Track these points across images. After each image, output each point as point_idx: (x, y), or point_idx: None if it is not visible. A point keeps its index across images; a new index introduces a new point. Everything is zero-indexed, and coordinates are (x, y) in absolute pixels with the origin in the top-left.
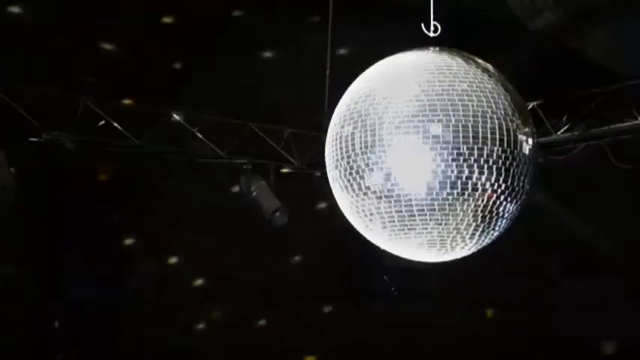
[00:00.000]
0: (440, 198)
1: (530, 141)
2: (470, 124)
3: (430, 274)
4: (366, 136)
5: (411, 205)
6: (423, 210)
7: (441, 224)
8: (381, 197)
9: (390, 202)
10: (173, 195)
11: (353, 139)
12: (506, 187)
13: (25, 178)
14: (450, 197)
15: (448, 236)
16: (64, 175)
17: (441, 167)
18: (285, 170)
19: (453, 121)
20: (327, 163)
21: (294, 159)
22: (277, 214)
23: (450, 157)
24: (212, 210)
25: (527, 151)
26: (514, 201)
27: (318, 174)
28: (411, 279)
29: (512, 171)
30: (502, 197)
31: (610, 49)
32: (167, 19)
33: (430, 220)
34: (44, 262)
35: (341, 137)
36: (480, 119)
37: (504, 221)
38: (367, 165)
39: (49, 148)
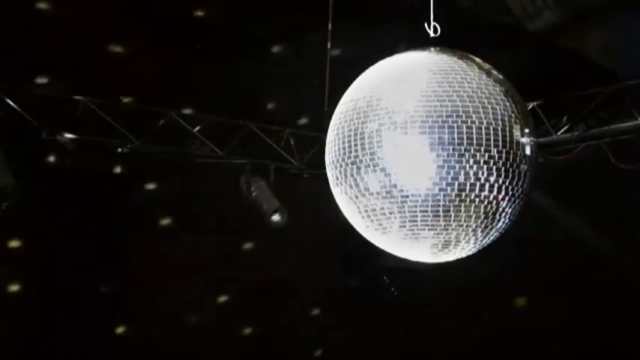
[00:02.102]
0: (468, 199)
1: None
2: (499, 127)
3: (430, 274)
4: (396, 133)
5: (438, 205)
6: (448, 210)
7: (461, 225)
8: (407, 195)
9: (417, 200)
10: (173, 195)
11: (380, 136)
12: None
13: (25, 178)
14: (477, 199)
15: (465, 237)
16: (64, 175)
17: (473, 169)
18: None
19: (485, 123)
20: (334, 160)
21: (294, 159)
22: (277, 214)
23: (482, 159)
24: (212, 210)
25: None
26: (517, 201)
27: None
28: (410, 279)
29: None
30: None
31: (609, 49)
32: (168, 19)
33: (453, 220)
34: (44, 261)
35: (363, 133)
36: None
37: (507, 221)
38: (396, 162)
39: (49, 148)
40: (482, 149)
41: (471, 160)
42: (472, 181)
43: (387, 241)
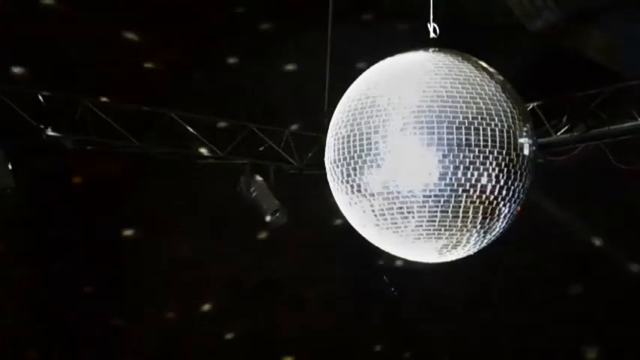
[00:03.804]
0: (487, 202)
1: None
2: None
3: (429, 274)
4: (423, 133)
5: (459, 207)
6: (468, 211)
7: (476, 226)
8: (430, 196)
9: (439, 201)
10: (173, 195)
11: (405, 135)
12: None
13: (25, 178)
14: (495, 200)
15: (476, 237)
16: (64, 175)
17: (495, 171)
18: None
19: (506, 125)
20: (347, 156)
21: (294, 159)
22: (277, 214)
23: (502, 163)
24: (212, 210)
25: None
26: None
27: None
28: (410, 279)
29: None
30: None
31: (609, 49)
32: (167, 19)
33: (469, 223)
34: (44, 261)
35: (386, 131)
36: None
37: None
38: (421, 161)
39: (49, 148)
40: (504, 152)
41: (494, 164)
42: (493, 182)
43: (396, 241)
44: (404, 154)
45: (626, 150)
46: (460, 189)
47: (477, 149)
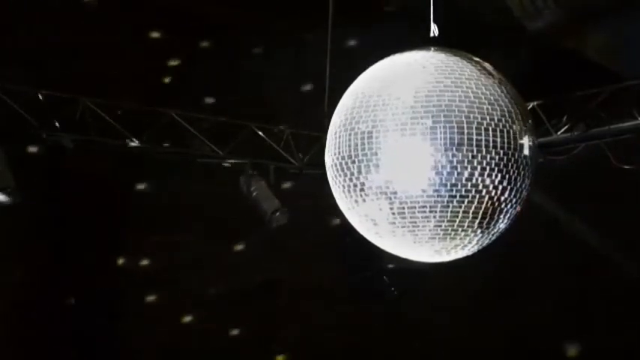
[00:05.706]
0: (504, 203)
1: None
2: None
3: (429, 274)
4: (453, 132)
5: (481, 207)
6: (487, 212)
7: (489, 227)
8: (455, 196)
9: (463, 201)
10: (173, 195)
11: (434, 133)
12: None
13: (25, 178)
14: (510, 202)
15: (483, 239)
16: (64, 175)
17: (514, 173)
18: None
19: (512, 128)
20: (368, 153)
21: (294, 159)
22: (277, 214)
23: (520, 165)
24: (212, 210)
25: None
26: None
27: None
28: (410, 279)
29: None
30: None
31: (609, 49)
32: (168, 19)
33: (485, 223)
34: (44, 262)
35: (414, 129)
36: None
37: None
38: (454, 166)
39: (49, 148)
40: (524, 154)
41: (515, 165)
42: (512, 184)
43: (409, 241)
44: (432, 152)
45: (627, 149)
46: (484, 190)
47: (502, 151)
